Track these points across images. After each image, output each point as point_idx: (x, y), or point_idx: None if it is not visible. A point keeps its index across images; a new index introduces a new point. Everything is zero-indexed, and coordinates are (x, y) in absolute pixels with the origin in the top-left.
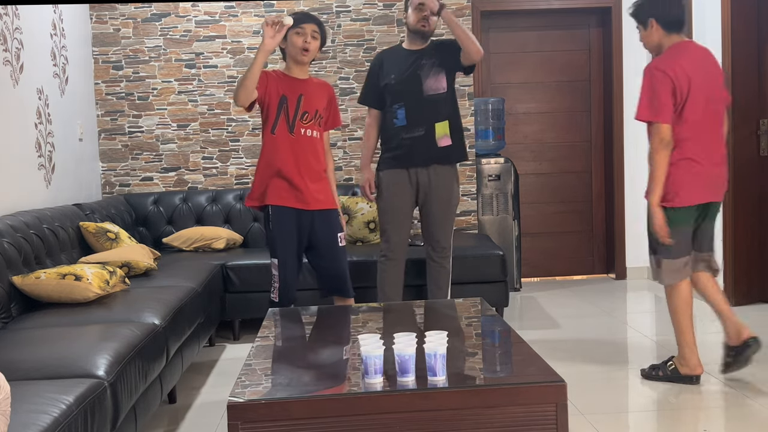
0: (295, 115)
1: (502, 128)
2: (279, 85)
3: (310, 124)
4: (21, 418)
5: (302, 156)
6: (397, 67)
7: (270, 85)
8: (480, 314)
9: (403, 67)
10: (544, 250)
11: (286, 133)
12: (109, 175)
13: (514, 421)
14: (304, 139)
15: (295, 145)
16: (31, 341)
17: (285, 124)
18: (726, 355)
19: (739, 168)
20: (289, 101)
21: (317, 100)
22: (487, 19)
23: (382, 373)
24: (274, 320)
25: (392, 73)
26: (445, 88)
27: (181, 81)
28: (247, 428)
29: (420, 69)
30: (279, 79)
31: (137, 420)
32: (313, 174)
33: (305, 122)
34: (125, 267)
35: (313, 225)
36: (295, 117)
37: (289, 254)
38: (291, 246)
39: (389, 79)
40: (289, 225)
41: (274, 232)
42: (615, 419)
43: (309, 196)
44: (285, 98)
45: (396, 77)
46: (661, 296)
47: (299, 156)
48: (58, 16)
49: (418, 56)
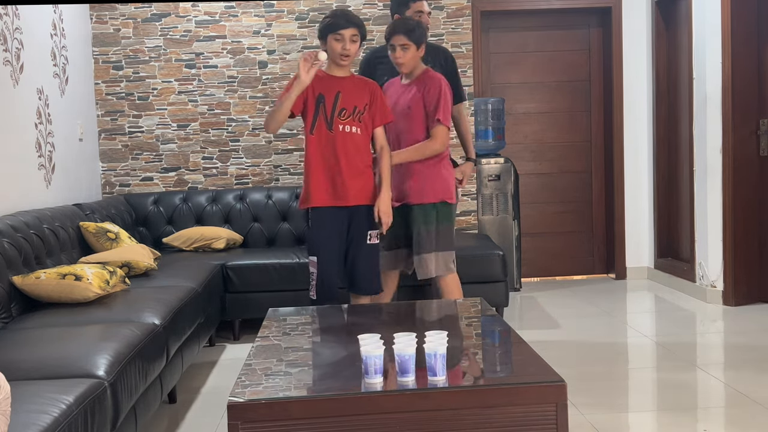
0: (333, 112)
1: (502, 128)
2: (317, 85)
3: (348, 120)
4: (21, 418)
5: (342, 151)
6: (385, 72)
7: (307, 91)
8: (480, 314)
9: (391, 72)
10: (544, 250)
11: (325, 130)
12: (109, 175)
13: (513, 421)
14: (344, 135)
15: (335, 141)
16: (31, 341)
17: (324, 121)
18: None
19: (739, 168)
20: (327, 99)
21: (357, 97)
22: (487, 19)
23: (382, 373)
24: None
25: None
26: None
27: (181, 81)
28: (247, 428)
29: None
30: (317, 79)
31: (137, 420)
32: (353, 170)
33: (343, 119)
34: (125, 267)
35: (351, 220)
36: (333, 114)
37: (327, 252)
38: (330, 245)
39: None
40: (328, 225)
41: (313, 230)
42: (615, 419)
43: (348, 192)
44: (322, 97)
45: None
46: (661, 296)
47: (339, 151)
48: (58, 16)
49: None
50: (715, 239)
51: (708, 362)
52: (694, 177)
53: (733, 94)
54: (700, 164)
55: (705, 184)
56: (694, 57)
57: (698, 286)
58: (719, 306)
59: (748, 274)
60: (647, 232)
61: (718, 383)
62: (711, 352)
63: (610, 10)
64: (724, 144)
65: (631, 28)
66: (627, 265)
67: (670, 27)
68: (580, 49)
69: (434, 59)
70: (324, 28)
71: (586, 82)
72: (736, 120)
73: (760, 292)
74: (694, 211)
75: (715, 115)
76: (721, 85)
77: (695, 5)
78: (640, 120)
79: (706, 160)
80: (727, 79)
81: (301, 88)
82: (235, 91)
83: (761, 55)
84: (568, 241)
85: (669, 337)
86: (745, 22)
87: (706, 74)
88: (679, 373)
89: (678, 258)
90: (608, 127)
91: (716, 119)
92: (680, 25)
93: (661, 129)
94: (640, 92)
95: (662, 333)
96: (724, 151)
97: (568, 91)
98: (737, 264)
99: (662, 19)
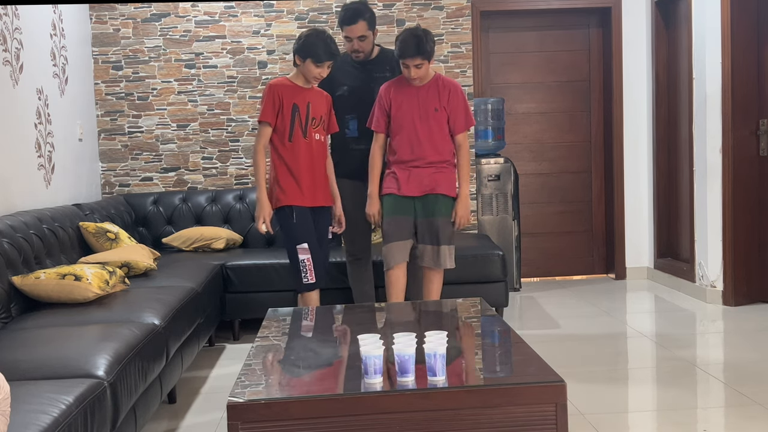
0: (306, 120)
1: (501, 128)
2: (290, 96)
3: (318, 129)
4: (21, 418)
5: (316, 158)
6: (350, 78)
7: (282, 102)
8: (480, 314)
9: (356, 79)
10: (544, 250)
11: (302, 138)
12: (108, 175)
13: (513, 421)
14: (316, 142)
15: (310, 148)
16: (31, 341)
17: (300, 129)
18: None
19: (738, 168)
20: (301, 109)
21: (321, 107)
22: (487, 19)
23: (381, 373)
24: (274, 320)
25: (344, 84)
26: None
27: (180, 81)
28: (247, 428)
29: (373, 82)
30: (287, 90)
31: (137, 420)
32: (323, 174)
33: (314, 127)
34: (125, 267)
35: (318, 219)
36: (307, 122)
37: (313, 240)
38: (313, 233)
39: (342, 90)
40: (309, 220)
41: (298, 223)
42: (615, 419)
43: (320, 194)
44: (297, 107)
45: (348, 88)
46: (660, 296)
47: (314, 158)
48: (58, 16)
49: (370, 68)
50: (715, 239)
51: (708, 362)
52: (694, 177)
53: (733, 94)
54: (700, 164)
55: (705, 184)
56: (693, 57)
57: (698, 286)
58: (719, 306)
59: (747, 274)
60: (647, 232)
61: (718, 383)
62: (711, 352)
63: (609, 10)
64: (724, 144)
65: (630, 28)
66: (627, 265)
67: (669, 27)
68: (580, 49)
69: (389, 66)
70: (307, 52)
71: (585, 82)
72: (736, 120)
73: (760, 292)
74: (694, 211)
75: (715, 115)
76: (721, 85)
77: (695, 5)
78: (640, 120)
79: (706, 160)
80: (727, 79)
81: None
82: (235, 91)
83: (761, 55)
84: (568, 241)
85: (669, 338)
86: (745, 22)
87: (706, 74)
88: (679, 373)
89: (678, 258)
90: (608, 127)
91: (716, 119)
92: (680, 26)
93: (661, 129)
94: (640, 92)
95: (662, 333)
96: (724, 151)
97: (568, 91)
98: (737, 264)
99: (662, 19)
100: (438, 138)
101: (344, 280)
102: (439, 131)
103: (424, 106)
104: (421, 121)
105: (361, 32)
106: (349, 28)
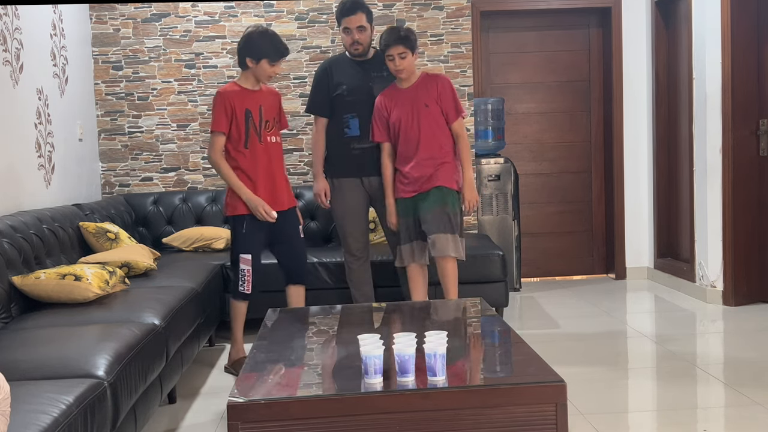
0: (260, 125)
1: (501, 128)
2: (241, 101)
3: (272, 131)
4: (21, 418)
5: (274, 161)
6: (348, 78)
7: (234, 108)
8: (480, 314)
9: (354, 78)
10: (544, 250)
11: (258, 143)
12: (108, 175)
13: (513, 421)
14: (272, 145)
15: (266, 152)
16: (31, 341)
17: (255, 135)
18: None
19: (738, 168)
20: (254, 114)
21: (272, 108)
22: (487, 19)
23: (381, 373)
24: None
25: (343, 83)
26: None
27: (180, 81)
28: (247, 428)
29: (371, 81)
30: (238, 96)
31: (137, 420)
32: (281, 176)
33: (268, 130)
34: (125, 267)
35: (280, 223)
36: (260, 127)
37: (259, 252)
38: (261, 245)
39: (341, 89)
40: (262, 227)
41: (247, 234)
42: (615, 419)
43: (279, 198)
44: (249, 112)
45: (347, 88)
46: (660, 296)
47: (272, 161)
48: (58, 17)
49: (367, 67)
50: (715, 239)
51: (708, 362)
52: (694, 177)
53: (733, 94)
54: (700, 164)
55: (705, 184)
56: (693, 57)
57: (698, 286)
58: (719, 306)
59: (747, 274)
60: (647, 232)
61: (718, 383)
62: (711, 352)
63: (609, 10)
64: (723, 144)
65: (630, 28)
66: (627, 265)
67: (669, 27)
68: (580, 49)
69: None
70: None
71: (585, 82)
72: (736, 120)
73: (760, 292)
74: (694, 211)
75: (715, 115)
76: (721, 85)
77: (695, 5)
78: (640, 120)
79: (706, 160)
80: (727, 79)
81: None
82: None
83: (761, 55)
84: (568, 241)
85: (669, 337)
86: (745, 22)
87: (706, 74)
88: (679, 373)
89: (678, 258)
90: (608, 127)
91: (716, 119)
92: (680, 25)
93: (661, 129)
94: (640, 92)
95: (662, 333)
96: (723, 151)
97: (568, 91)
98: (737, 264)
99: (662, 19)
100: (436, 133)
101: (343, 280)
102: (437, 126)
103: (416, 105)
104: (415, 120)
105: (360, 22)
106: (348, 18)
